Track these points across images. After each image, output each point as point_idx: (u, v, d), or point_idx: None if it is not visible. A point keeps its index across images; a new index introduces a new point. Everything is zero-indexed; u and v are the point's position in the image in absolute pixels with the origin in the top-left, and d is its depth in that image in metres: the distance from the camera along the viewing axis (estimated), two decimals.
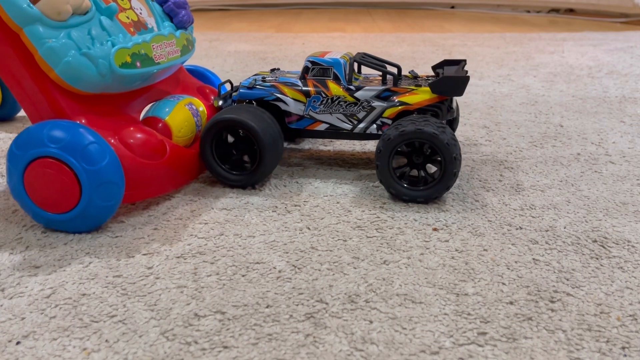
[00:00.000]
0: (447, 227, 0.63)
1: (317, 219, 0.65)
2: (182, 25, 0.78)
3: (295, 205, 0.68)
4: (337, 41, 1.98)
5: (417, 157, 0.68)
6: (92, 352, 0.44)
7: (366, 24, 2.51)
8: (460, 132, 0.96)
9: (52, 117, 0.63)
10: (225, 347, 0.44)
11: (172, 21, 0.77)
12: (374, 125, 0.74)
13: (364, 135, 0.75)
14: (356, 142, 0.91)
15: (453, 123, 0.82)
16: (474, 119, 1.04)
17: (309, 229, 0.62)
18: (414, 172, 0.69)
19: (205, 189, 0.73)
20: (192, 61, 1.60)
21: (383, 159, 0.67)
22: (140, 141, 0.66)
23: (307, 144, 0.91)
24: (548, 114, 1.07)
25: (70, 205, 0.59)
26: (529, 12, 2.97)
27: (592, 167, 0.80)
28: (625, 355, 0.43)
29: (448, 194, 0.71)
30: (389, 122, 0.73)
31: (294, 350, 0.43)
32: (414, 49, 1.80)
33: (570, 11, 2.91)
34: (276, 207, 0.68)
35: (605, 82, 1.32)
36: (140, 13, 0.72)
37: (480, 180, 0.75)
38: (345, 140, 0.92)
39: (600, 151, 0.86)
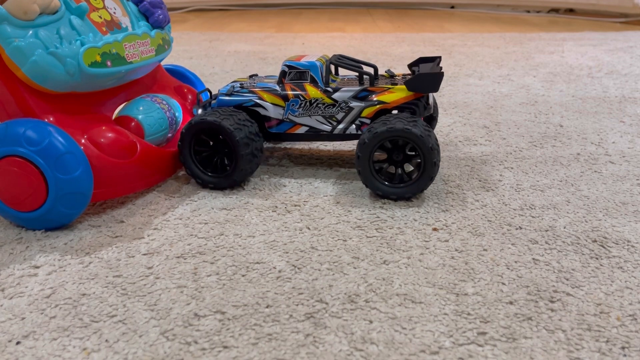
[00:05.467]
0: (447, 227, 0.63)
1: (317, 219, 0.65)
2: (158, 24, 0.78)
3: (295, 205, 0.68)
4: (337, 41, 1.98)
5: (397, 155, 0.69)
6: (92, 352, 0.44)
7: (366, 24, 2.51)
8: (461, 132, 0.96)
9: (20, 116, 0.63)
10: (225, 347, 0.44)
11: (148, 21, 0.77)
12: (353, 126, 0.74)
13: (343, 136, 0.75)
14: (355, 142, 0.91)
15: (432, 120, 0.83)
16: (474, 119, 1.04)
17: (309, 228, 0.62)
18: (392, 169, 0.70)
19: (205, 189, 0.73)
20: (192, 61, 1.60)
21: (363, 163, 0.68)
22: (110, 140, 0.66)
23: (307, 144, 0.91)
24: (548, 114, 1.07)
25: (42, 194, 0.60)
26: (529, 12, 2.97)
27: (592, 167, 0.80)
28: (625, 355, 0.43)
29: (448, 194, 0.71)
30: (368, 121, 0.74)
31: (294, 350, 0.43)
32: (414, 49, 1.80)
33: (570, 11, 2.91)
34: (276, 207, 0.68)
35: (605, 82, 1.32)
36: (114, 12, 0.72)
37: (480, 180, 0.75)
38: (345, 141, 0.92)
39: (600, 151, 0.86)
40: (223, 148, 0.72)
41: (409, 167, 0.70)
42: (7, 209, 0.62)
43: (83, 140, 0.64)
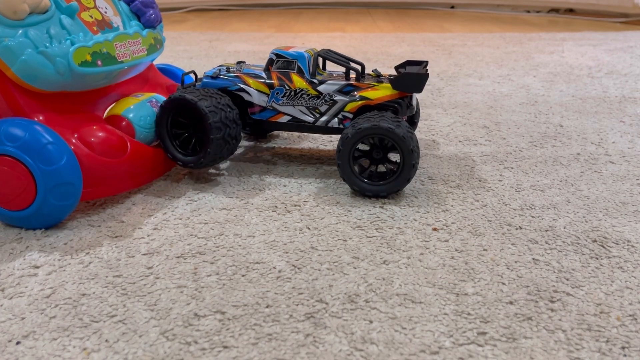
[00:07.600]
0: (447, 227, 0.63)
1: (317, 219, 0.65)
2: (150, 24, 0.78)
3: (295, 205, 0.68)
4: (337, 41, 1.98)
5: (377, 153, 0.69)
6: (92, 352, 0.44)
7: (366, 24, 2.51)
8: (461, 132, 0.96)
9: (10, 115, 0.64)
10: (225, 347, 0.44)
11: (139, 20, 0.78)
12: (336, 119, 0.75)
13: (325, 129, 0.76)
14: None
15: (414, 119, 0.84)
16: (474, 119, 1.03)
17: (309, 228, 0.62)
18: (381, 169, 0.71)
19: (205, 189, 0.73)
20: (192, 61, 1.60)
21: (343, 157, 0.68)
22: (101, 139, 0.66)
23: (307, 144, 0.91)
24: (548, 114, 1.07)
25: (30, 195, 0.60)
26: (529, 12, 2.97)
27: (592, 167, 0.80)
28: (625, 355, 0.43)
29: (448, 194, 0.71)
30: (350, 116, 0.74)
31: (294, 350, 0.43)
32: (414, 49, 1.80)
33: (570, 11, 2.91)
34: (276, 207, 0.68)
35: (605, 82, 1.32)
36: (105, 12, 0.72)
37: (480, 180, 0.75)
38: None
39: (600, 151, 0.86)
40: (198, 128, 0.72)
41: (395, 157, 0.70)
42: (4, 211, 0.61)
43: (73, 140, 0.64)
